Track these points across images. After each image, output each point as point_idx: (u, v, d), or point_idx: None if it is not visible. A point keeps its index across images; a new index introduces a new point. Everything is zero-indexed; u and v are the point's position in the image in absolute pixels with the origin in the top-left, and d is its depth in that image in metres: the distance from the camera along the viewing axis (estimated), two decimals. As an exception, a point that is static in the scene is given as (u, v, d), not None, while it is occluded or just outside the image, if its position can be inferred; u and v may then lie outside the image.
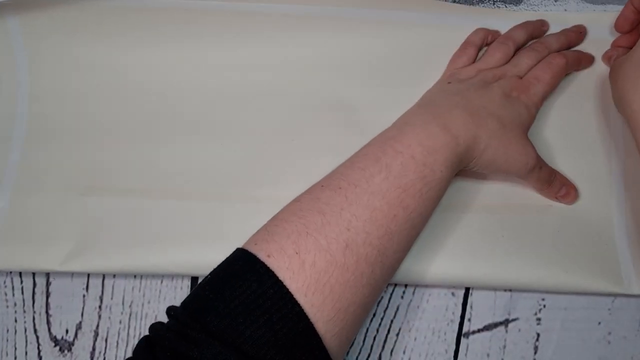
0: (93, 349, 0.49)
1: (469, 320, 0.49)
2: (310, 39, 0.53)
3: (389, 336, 0.49)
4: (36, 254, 0.48)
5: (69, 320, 0.49)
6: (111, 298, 0.50)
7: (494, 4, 0.53)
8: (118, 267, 0.48)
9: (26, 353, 0.49)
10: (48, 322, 0.49)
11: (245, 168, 0.50)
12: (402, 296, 0.49)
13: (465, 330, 0.49)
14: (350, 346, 0.47)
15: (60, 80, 0.52)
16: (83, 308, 0.49)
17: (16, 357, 0.49)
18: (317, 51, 0.52)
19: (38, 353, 0.49)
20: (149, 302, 0.49)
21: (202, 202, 0.49)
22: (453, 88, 0.47)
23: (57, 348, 0.49)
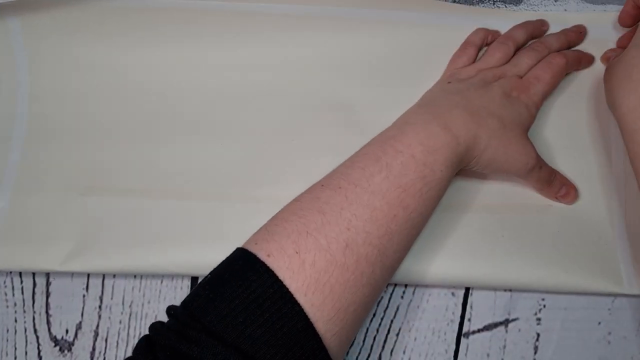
0: (93, 349, 0.49)
1: (469, 320, 0.49)
2: (310, 39, 0.53)
3: (389, 336, 0.49)
4: (36, 254, 0.48)
5: (69, 320, 0.49)
6: (111, 298, 0.49)
7: (494, 4, 0.53)
8: (118, 267, 0.48)
9: (26, 353, 0.49)
10: (48, 322, 0.49)
11: (245, 168, 0.50)
12: (402, 296, 0.49)
13: (465, 330, 0.49)
14: (350, 346, 0.47)
15: (60, 80, 0.52)
16: (83, 308, 0.49)
17: (16, 357, 0.49)
18: (317, 51, 0.52)
19: (38, 353, 0.49)
20: (149, 302, 0.49)
21: (202, 202, 0.49)
22: (453, 88, 0.47)
23: (57, 348, 0.49)
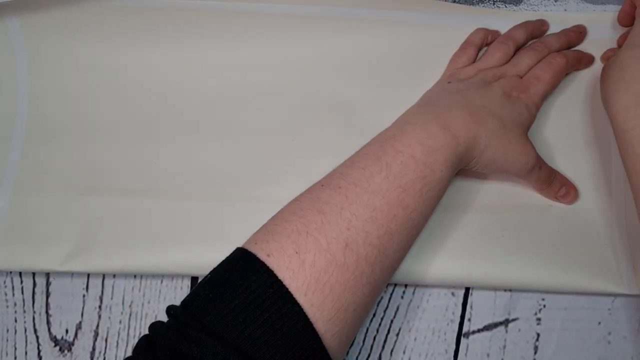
0: (93, 349, 0.49)
1: (469, 320, 0.49)
2: (310, 39, 0.53)
3: (389, 336, 0.49)
4: (36, 254, 0.48)
5: (69, 320, 0.49)
6: (111, 298, 0.49)
7: (494, 4, 0.53)
8: (118, 267, 0.48)
9: (26, 353, 0.49)
10: (48, 322, 0.49)
11: (245, 168, 0.50)
12: (402, 296, 0.49)
13: (465, 330, 0.49)
14: (350, 346, 0.47)
15: (60, 80, 0.52)
16: (83, 308, 0.49)
17: (16, 357, 0.49)
18: (317, 51, 0.52)
19: (38, 353, 0.49)
20: (149, 302, 0.49)
21: (202, 202, 0.49)
22: (453, 88, 0.47)
23: (57, 348, 0.49)
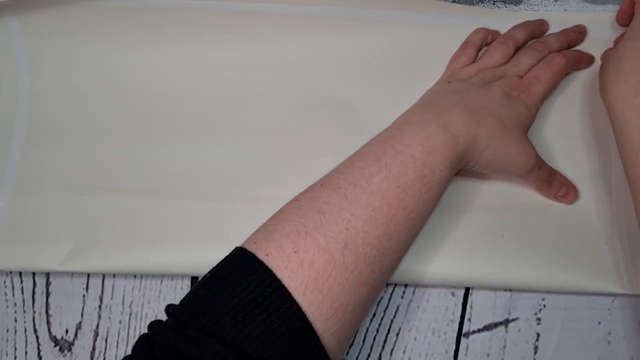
0: (93, 349, 0.49)
1: (469, 320, 0.49)
2: (310, 39, 0.53)
3: (389, 336, 0.49)
4: (36, 254, 0.48)
5: (69, 320, 0.49)
6: (111, 298, 0.50)
7: (494, 4, 0.53)
8: (118, 267, 0.48)
9: (26, 353, 0.49)
10: (48, 322, 0.49)
11: (245, 168, 0.50)
12: (402, 296, 0.49)
13: (465, 330, 0.49)
14: (350, 345, 0.47)
15: (60, 80, 0.52)
16: (83, 308, 0.49)
17: (16, 357, 0.49)
18: (317, 51, 0.52)
19: (38, 353, 0.49)
20: (149, 302, 0.49)
21: (202, 202, 0.49)
22: (453, 87, 0.47)
23: (57, 348, 0.49)
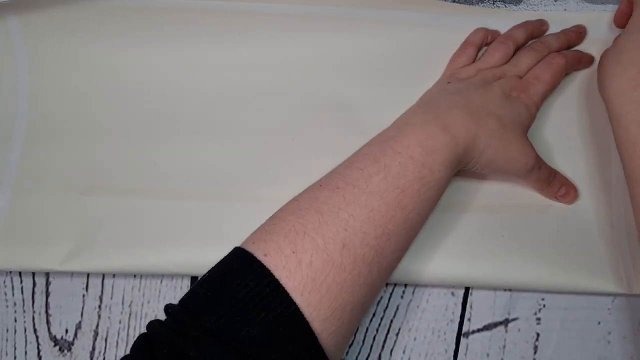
0: (93, 349, 0.49)
1: (469, 320, 0.49)
2: (310, 39, 0.52)
3: (389, 336, 0.49)
4: (36, 254, 0.48)
5: (69, 320, 0.49)
6: (111, 298, 0.50)
7: (494, 4, 0.53)
8: (118, 267, 0.48)
9: (26, 353, 0.49)
10: (48, 322, 0.49)
11: (245, 168, 0.50)
12: (402, 296, 0.49)
13: (465, 330, 0.49)
14: (349, 345, 0.47)
15: (60, 80, 0.52)
16: (83, 308, 0.50)
17: (16, 357, 0.49)
18: (317, 51, 0.52)
19: (38, 353, 0.49)
20: (149, 302, 0.49)
21: (202, 202, 0.49)
22: (453, 88, 0.47)
23: (57, 348, 0.49)
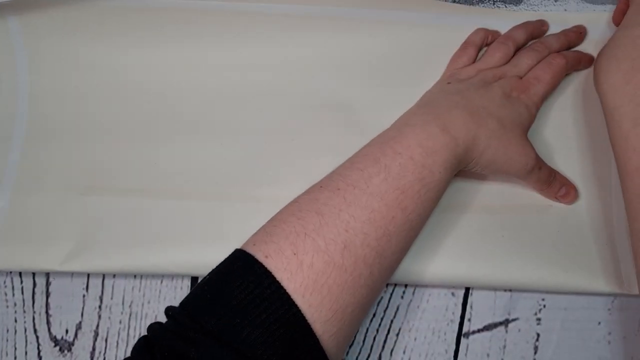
0: (93, 349, 0.49)
1: (469, 320, 0.49)
2: (310, 39, 0.52)
3: (389, 336, 0.49)
4: (36, 254, 0.48)
5: (69, 320, 0.49)
6: (111, 298, 0.50)
7: (494, 4, 0.53)
8: (118, 267, 0.48)
9: (26, 353, 0.49)
10: (48, 322, 0.49)
11: (245, 168, 0.50)
12: (402, 296, 0.49)
13: (465, 330, 0.49)
14: (349, 346, 0.47)
15: (60, 80, 0.52)
16: (83, 308, 0.50)
17: (16, 357, 0.49)
18: (317, 51, 0.52)
19: (38, 353, 0.49)
20: (149, 302, 0.49)
21: (202, 202, 0.49)
22: (453, 88, 0.47)
23: (57, 348, 0.49)
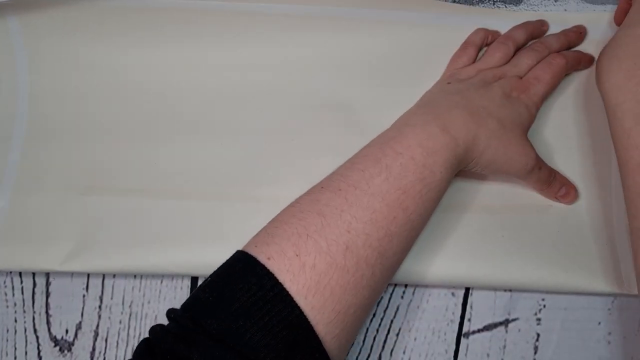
0: (93, 349, 0.49)
1: (469, 320, 0.49)
2: (310, 39, 0.52)
3: (389, 336, 0.49)
4: (36, 254, 0.48)
5: (69, 320, 0.49)
6: (111, 298, 0.50)
7: (494, 4, 0.53)
8: (118, 267, 0.48)
9: (26, 353, 0.49)
10: (48, 322, 0.49)
11: (245, 168, 0.50)
12: (402, 296, 0.49)
13: (465, 330, 0.49)
14: (350, 346, 0.47)
15: (60, 80, 0.52)
16: (83, 308, 0.50)
17: (16, 357, 0.49)
18: (317, 51, 0.52)
19: (38, 353, 0.49)
20: (149, 302, 0.49)
21: (202, 202, 0.49)
22: (453, 88, 0.47)
23: (57, 348, 0.49)
